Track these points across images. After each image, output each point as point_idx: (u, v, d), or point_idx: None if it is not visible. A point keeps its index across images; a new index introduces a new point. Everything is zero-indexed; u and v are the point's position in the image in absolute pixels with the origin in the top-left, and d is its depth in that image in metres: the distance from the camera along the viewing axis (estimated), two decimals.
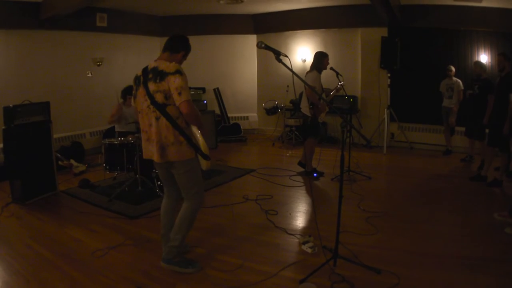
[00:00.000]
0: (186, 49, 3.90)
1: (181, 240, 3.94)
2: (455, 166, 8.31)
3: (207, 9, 10.77)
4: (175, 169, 3.78)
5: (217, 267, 4.10)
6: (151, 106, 3.61)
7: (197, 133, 3.66)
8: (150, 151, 3.79)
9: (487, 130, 7.16)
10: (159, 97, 3.55)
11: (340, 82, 7.08)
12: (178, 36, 3.88)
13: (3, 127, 5.96)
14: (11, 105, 5.90)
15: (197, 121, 3.66)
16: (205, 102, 10.58)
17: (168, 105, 3.56)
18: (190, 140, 3.66)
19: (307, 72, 7.21)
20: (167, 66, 3.58)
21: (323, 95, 7.21)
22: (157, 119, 3.61)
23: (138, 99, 3.78)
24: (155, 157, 3.70)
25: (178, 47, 3.83)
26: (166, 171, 3.93)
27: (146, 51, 10.91)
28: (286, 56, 3.72)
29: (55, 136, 7.12)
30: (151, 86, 3.58)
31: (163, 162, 3.71)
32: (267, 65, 11.73)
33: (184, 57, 3.91)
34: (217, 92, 11.34)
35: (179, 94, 3.49)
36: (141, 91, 3.69)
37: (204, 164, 3.75)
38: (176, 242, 3.92)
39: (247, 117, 12.36)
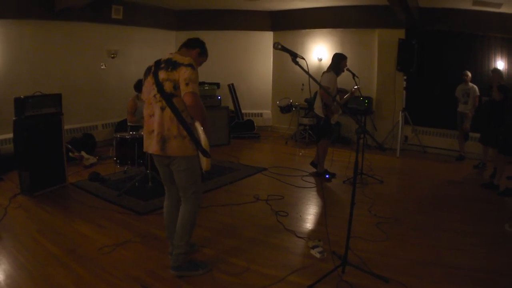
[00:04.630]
0: (201, 47, 3.97)
1: (186, 246, 3.87)
2: (468, 172, 8.18)
3: (224, 4, 10.72)
4: (175, 165, 3.71)
5: (224, 269, 4.05)
6: (158, 95, 3.58)
7: (199, 129, 3.56)
8: (150, 144, 3.74)
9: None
10: (167, 86, 3.53)
11: (356, 86, 6.93)
12: (195, 37, 3.99)
13: (14, 118, 5.94)
14: (22, 96, 5.89)
15: (201, 116, 3.56)
16: (219, 97, 10.50)
17: (175, 96, 3.53)
18: (193, 136, 3.58)
19: (324, 72, 7.12)
20: (182, 58, 3.61)
21: (338, 97, 7.13)
22: (162, 109, 3.56)
23: (145, 88, 3.76)
24: (154, 149, 3.64)
25: (193, 44, 3.92)
26: (166, 168, 3.85)
27: (161, 45, 10.82)
28: (303, 59, 3.62)
29: (66, 127, 7.13)
30: (162, 75, 3.57)
31: (162, 156, 3.66)
32: (282, 62, 11.59)
33: (200, 55, 3.94)
34: (231, 88, 11.32)
35: (187, 84, 3.46)
36: (150, 80, 3.69)
37: (204, 163, 3.63)
38: (182, 249, 3.85)
39: (261, 114, 12.29)
